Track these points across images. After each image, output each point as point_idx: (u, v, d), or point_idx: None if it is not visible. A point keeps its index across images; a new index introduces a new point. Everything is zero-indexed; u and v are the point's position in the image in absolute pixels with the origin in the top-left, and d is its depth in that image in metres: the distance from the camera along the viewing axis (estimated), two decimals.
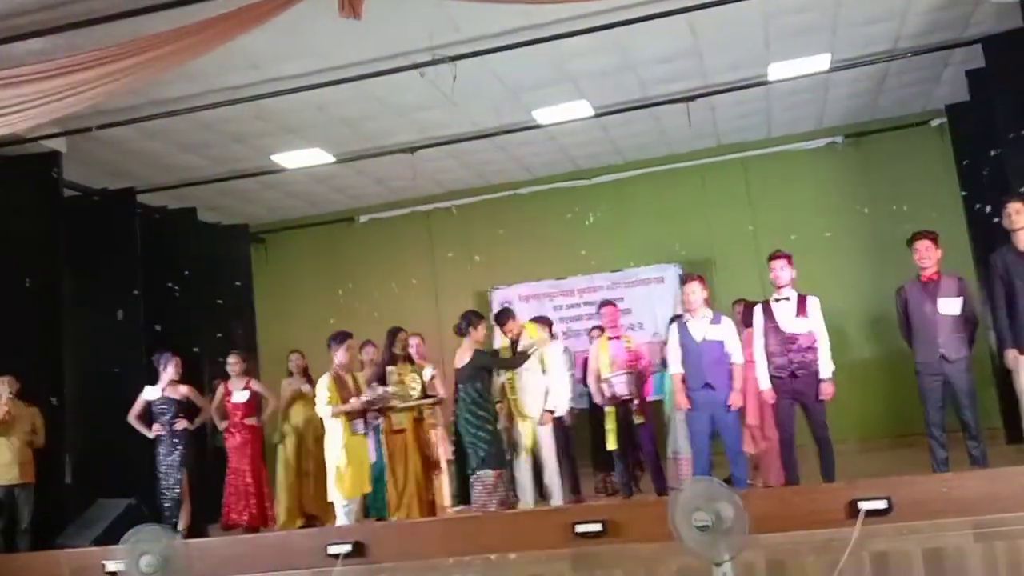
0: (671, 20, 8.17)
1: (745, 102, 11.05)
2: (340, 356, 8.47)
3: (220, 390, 10.11)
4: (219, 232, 13.46)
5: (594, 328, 10.48)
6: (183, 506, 9.31)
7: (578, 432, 9.67)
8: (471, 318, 8.34)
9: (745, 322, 8.27)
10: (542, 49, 8.51)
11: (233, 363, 9.98)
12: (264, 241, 14.55)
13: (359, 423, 8.30)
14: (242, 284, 13.47)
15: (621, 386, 8.70)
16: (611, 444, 8.81)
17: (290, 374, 10.34)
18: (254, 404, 9.90)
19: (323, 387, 8.27)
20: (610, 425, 8.79)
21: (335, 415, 8.20)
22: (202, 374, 11.41)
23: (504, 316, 8.80)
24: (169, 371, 9.44)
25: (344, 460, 8.14)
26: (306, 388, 10.13)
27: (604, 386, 8.78)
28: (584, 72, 9.61)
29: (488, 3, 6.65)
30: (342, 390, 8.29)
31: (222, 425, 9.90)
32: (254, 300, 13.70)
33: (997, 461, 7.15)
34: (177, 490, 9.26)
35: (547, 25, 8.15)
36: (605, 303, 9.31)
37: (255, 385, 9.97)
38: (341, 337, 8.56)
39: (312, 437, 10.06)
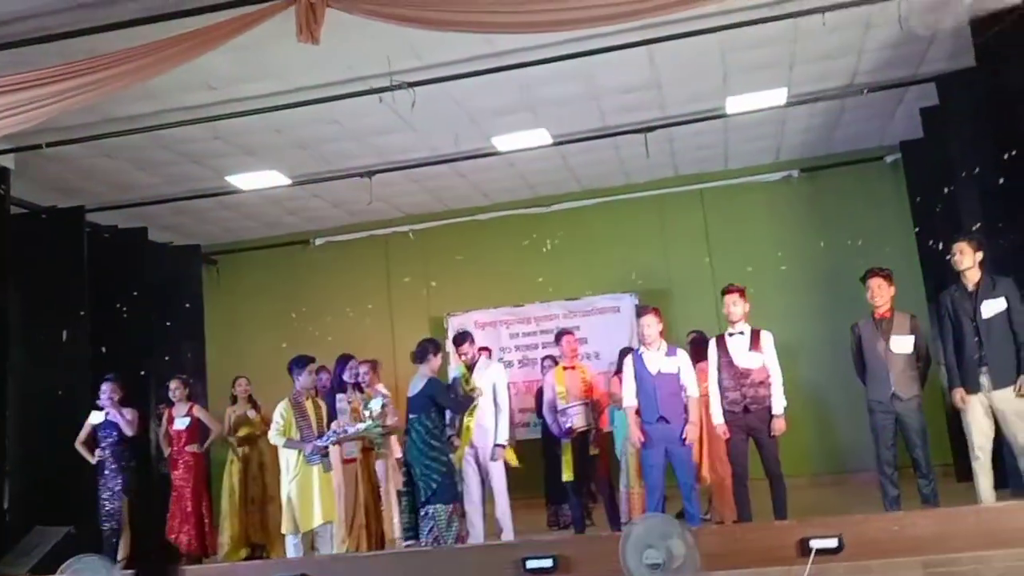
0: (631, 51, 8.24)
1: (703, 134, 11.13)
2: (302, 381, 8.32)
3: (164, 416, 10.00)
4: (170, 252, 13.24)
5: (546, 358, 10.48)
6: (123, 535, 9.16)
7: (530, 464, 9.63)
8: (428, 347, 8.25)
9: (696, 355, 8.30)
10: (503, 76, 8.54)
11: (175, 388, 9.87)
12: (216, 262, 14.39)
13: (312, 453, 8.11)
14: (192, 306, 13.20)
15: (577, 417, 8.69)
16: (567, 475, 8.78)
17: (235, 400, 10.25)
18: (196, 431, 9.78)
19: (278, 414, 8.14)
20: (566, 457, 8.77)
21: (286, 447, 8.08)
22: (148, 398, 11.21)
23: (462, 339, 8.76)
24: (105, 393, 9.30)
25: (296, 491, 8.00)
26: (251, 414, 10.05)
27: (560, 417, 8.76)
28: (544, 100, 9.62)
29: (448, 31, 6.62)
30: (300, 418, 8.15)
31: (166, 451, 9.77)
32: (204, 323, 13.44)
33: (948, 499, 7.21)
34: (118, 518, 9.11)
35: (508, 53, 8.17)
36: (562, 332, 9.30)
37: (198, 411, 9.85)
38: (304, 361, 8.40)
39: (257, 464, 9.98)
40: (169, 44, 6.47)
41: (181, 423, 9.72)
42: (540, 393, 9.93)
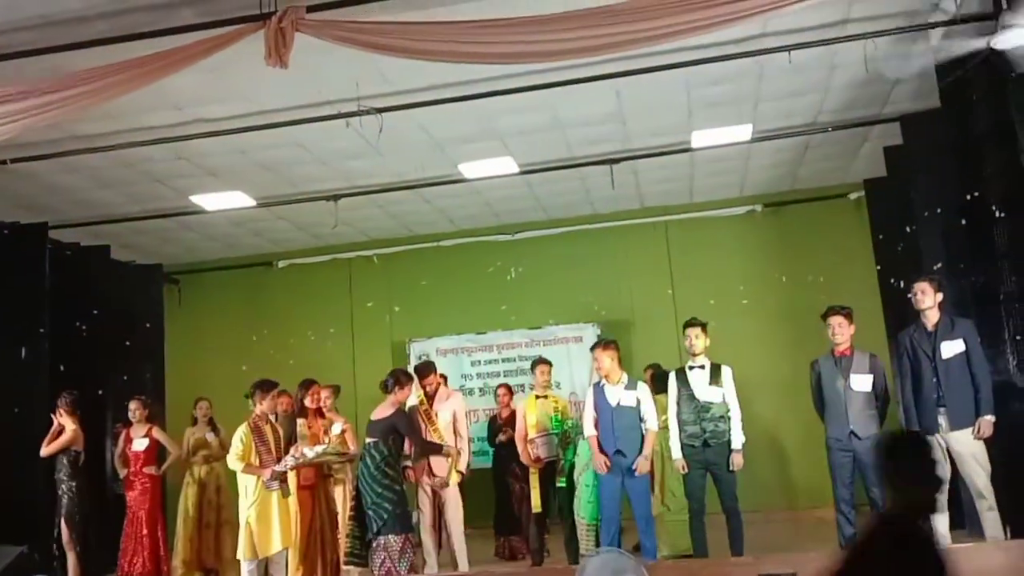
0: (597, 84, 8.27)
1: (668, 167, 11.19)
2: (264, 406, 8.24)
3: (121, 436, 9.89)
4: (132, 271, 13.13)
5: (500, 387, 10.45)
6: (68, 557, 9.03)
7: (481, 493, 9.61)
8: (400, 377, 8.15)
9: (654, 388, 8.32)
10: (470, 105, 8.56)
11: (134, 409, 9.75)
12: (178, 282, 14.27)
13: (271, 479, 8.00)
14: (153, 326, 13.08)
15: (546, 447, 8.70)
16: (536, 506, 8.77)
17: (195, 422, 10.16)
18: (154, 452, 9.67)
19: (238, 439, 8.04)
20: (535, 487, 8.76)
21: (245, 471, 7.99)
22: (105, 418, 11.11)
23: (426, 370, 8.72)
24: (60, 411, 9.22)
25: (255, 516, 7.91)
26: (211, 437, 9.97)
27: (530, 447, 8.76)
28: (511, 129, 9.66)
29: (417, 59, 6.63)
30: (259, 443, 8.06)
31: (122, 472, 9.65)
32: (165, 343, 13.32)
33: None
34: (58, 542, 9.01)
35: (476, 82, 8.17)
36: (538, 361, 9.29)
37: (156, 433, 9.74)
38: (267, 386, 8.31)
39: (214, 487, 9.88)
40: (136, 64, 6.45)
41: (139, 444, 9.59)
42: (493, 421, 9.91)
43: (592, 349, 8.02)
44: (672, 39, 6.20)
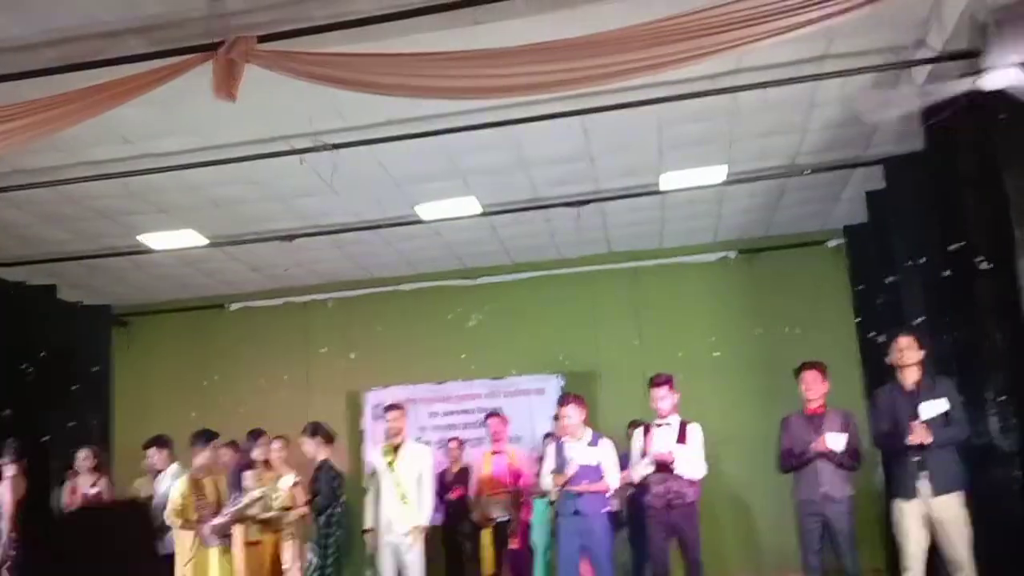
0: (565, 121, 8.10)
1: (638, 210, 10.99)
2: (203, 458, 8.02)
3: (67, 486, 9.65)
4: (79, 312, 12.94)
5: (451, 439, 10.26)
6: None
7: (430, 552, 9.38)
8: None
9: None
10: (430, 141, 8.36)
11: (84, 458, 9.54)
12: (127, 324, 14.01)
13: (205, 530, 7.75)
14: (100, 369, 12.91)
15: (498, 507, 8.51)
16: (488, 568, 8.57)
17: (144, 473, 9.92)
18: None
19: (176, 493, 7.79)
20: (486, 547, 8.57)
21: (183, 528, 7.72)
22: (49, 465, 10.80)
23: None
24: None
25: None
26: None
27: (481, 505, 8.59)
28: (474, 168, 9.48)
29: (373, 92, 6.48)
30: (198, 497, 7.82)
31: None
32: (112, 388, 13.14)
33: None
34: None
35: (435, 118, 7.99)
36: (491, 414, 9.13)
37: (104, 484, 9.50)
38: (207, 436, 8.12)
39: None
40: (83, 95, 6.27)
41: (87, 491, 9.41)
42: (442, 476, 9.68)
43: (559, 403, 7.85)
44: (641, 74, 6.04)
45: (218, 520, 7.77)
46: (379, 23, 6.26)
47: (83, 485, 9.53)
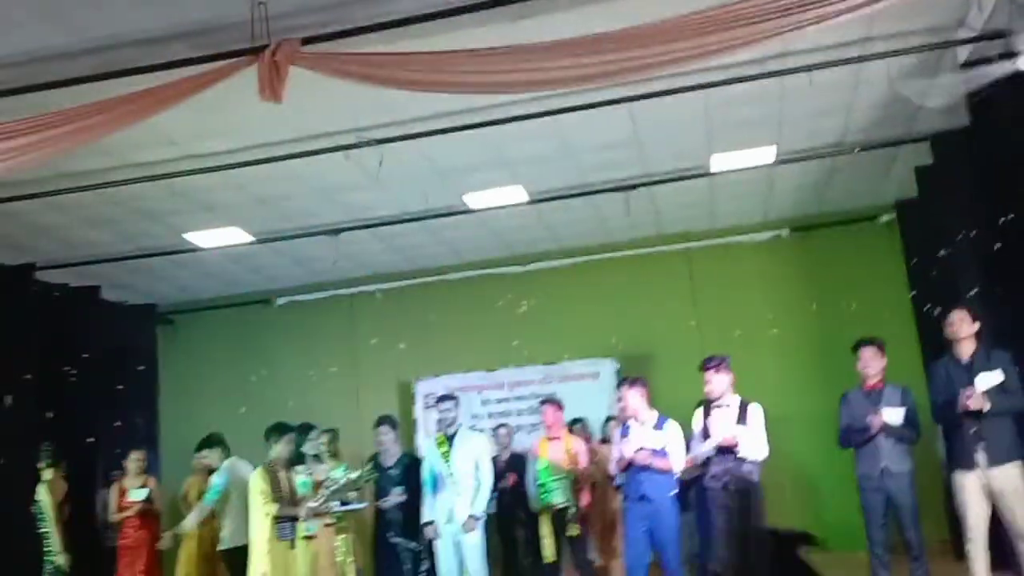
0: (611, 108, 8.34)
1: (687, 192, 11.27)
2: (279, 450, 8.11)
3: (115, 487, 9.96)
4: (123, 312, 13.29)
5: (500, 426, 10.47)
6: None
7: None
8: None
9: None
10: (476, 133, 8.64)
11: (136, 459, 9.84)
12: (172, 322, 14.44)
13: (287, 527, 7.82)
14: (146, 369, 13.21)
15: (557, 493, 8.74)
16: (549, 555, 8.81)
17: (194, 472, 10.23)
18: (151, 506, 9.77)
19: (257, 486, 7.83)
20: (547, 533, 8.81)
21: (279, 516, 7.76)
22: (95, 467, 11.19)
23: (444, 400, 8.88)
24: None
25: (268, 570, 7.68)
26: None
27: (540, 492, 8.82)
28: (520, 157, 9.76)
29: (418, 90, 6.73)
30: (275, 490, 7.88)
31: (112, 519, 9.73)
32: (158, 387, 13.47)
33: None
34: None
35: (481, 110, 8.29)
36: (546, 401, 9.35)
37: (153, 484, 9.82)
38: (283, 429, 8.24)
39: (211, 541, 9.84)
40: (127, 101, 6.48)
41: (137, 495, 9.75)
42: (494, 464, 9.88)
43: (619, 387, 8.08)
44: (687, 64, 6.25)
45: (313, 503, 7.96)
46: (421, 22, 6.49)
47: (131, 487, 9.83)
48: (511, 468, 9.74)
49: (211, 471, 9.71)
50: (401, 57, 6.39)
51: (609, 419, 10.03)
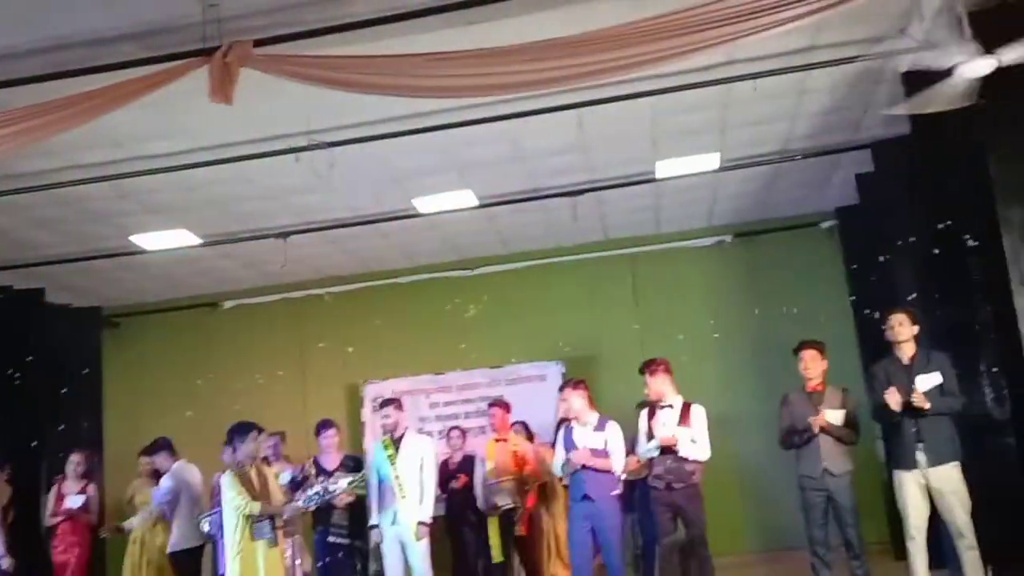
0: (560, 114, 8.43)
1: (634, 198, 11.37)
2: (246, 449, 7.81)
3: (54, 490, 9.88)
4: (68, 315, 13.10)
5: (453, 428, 10.49)
6: None
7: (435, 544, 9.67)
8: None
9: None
10: (426, 137, 8.67)
11: (76, 462, 9.77)
12: (118, 325, 14.26)
13: (265, 525, 7.57)
14: (91, 372, 13.08)
15: (503, 495, 8.77)
16: (497, 556, 8.84)
17: (140, 475, 10.16)
18: (88, 510, 9.70)
19: (229, 487, 7.62)
20: (494, 536, 8.83)
21: (261, 514, 7.54)
22: (39, 471, 11.06)
23: (388, 403, 8.80)
24: None
25: (238, 571, 7.49)
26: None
27: (488, 493, 8.85)
28: (470, 162, 9.79)
29: (371, 93, 6.74)
30: (250, 488, 7.65)
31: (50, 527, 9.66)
32: (103, 390, 13.32)
33: None
34: None
35: (432, 114, 8.33)
36: (494, 403, 9.38)
37: (92, 491, 9.75)
38: (245, 428, 7.92)
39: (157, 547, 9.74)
40: (75, 102, 6.46)
41: (75, 500, 9.64)
42: (444, 465, 9.91)
43: (561, 389, 8.14)
44: (635, 71, 6.32)
45: (300, 504, 7.97)
46: (374, 26, 6.50)
47: (70, 491, 9.75)
48: (462, 470, 9.77)
49: (157, 474, 9.69)
50: (354, 60, 6.42)
51: (561, 421, 10.07)
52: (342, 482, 8.16)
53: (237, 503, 7.58)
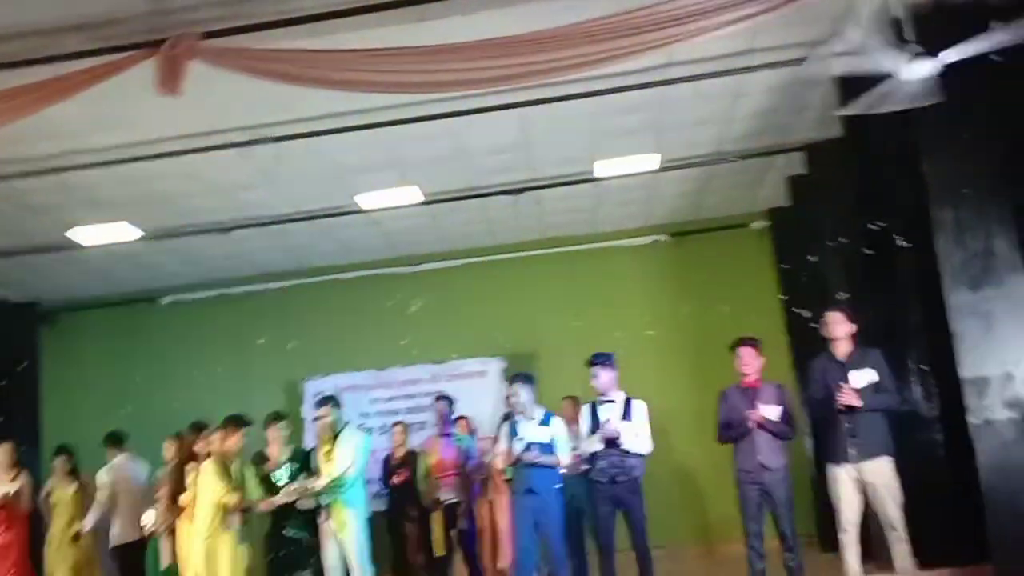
0: (502, 113, 8.46)
1: (573, 197, 11.43)
2: (233, 443, 7.91)
3: None
4: (4, 310, 12.98)
5: (395, 424, 10.47)
6: None
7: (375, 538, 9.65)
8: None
9: (571, 420, 8.49)
10: (370, 133, 8.66)
11: (6, 450, 9.70)
12: (55, 321, 14.06)
13: (235, 517, 7.65)
14: (27, 367, 12.93)
15: (447, 489, 8.79)
16: (439, 550, 8.84)
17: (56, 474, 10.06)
18: (18, 502, 9.59)
19: (213, 475, 7.66)
20: (437, 530, 8.83)
21: (236, 506, 7.62)
22: None
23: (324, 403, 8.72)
24: None
25: (202, 555, 7.51)
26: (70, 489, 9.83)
27: (431, 488, 8.85)
28: (413, 159, 9.79)
29: (315, 87, 6.71)
30: (228, 479, 7.69)
31: None
32: (40, 385, 13.18)
33: (814, 571, 7.52)
34: None
35: (376, 110, 8.30)
36: (439, 398, 9.38)
37: (24, 480, 9.64)
38: (239, 422, 8.08)
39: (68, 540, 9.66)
40: (18, 94, 6.36)
41: (5, 490, 9.54)
42: (387, 461, 9.90)
43: (511, 383, 8.14)
44: (578, 71, 6.34)
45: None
46: (325, 20, 6.48)
47: (1, 480, 9.64)
48: (403, 464, 9.76)
49: (74, 473, 9.65)
50: (305, 54, 6.38)
51: (505, 416, 10.09)
52: (322, 481, 8.05)
53: (217, 490, 7.60)
